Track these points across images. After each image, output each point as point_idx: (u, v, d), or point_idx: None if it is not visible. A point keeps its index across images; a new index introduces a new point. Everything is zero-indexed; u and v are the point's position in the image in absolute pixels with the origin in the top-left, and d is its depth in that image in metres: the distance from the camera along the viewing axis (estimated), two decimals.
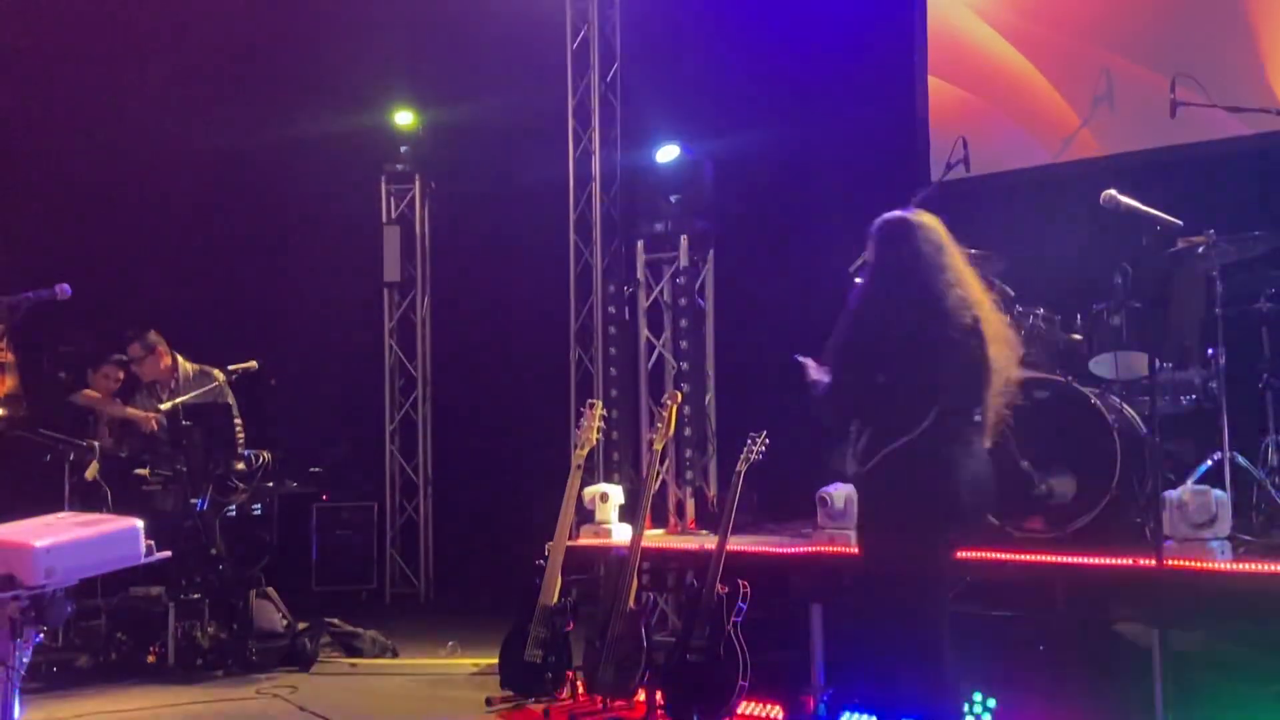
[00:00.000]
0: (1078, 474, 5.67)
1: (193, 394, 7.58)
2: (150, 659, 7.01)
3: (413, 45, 9.81)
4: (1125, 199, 5.56)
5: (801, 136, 8.26)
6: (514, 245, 9.65)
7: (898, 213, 4.44)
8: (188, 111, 9.55)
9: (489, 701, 6.18)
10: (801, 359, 4.48)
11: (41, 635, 4.01)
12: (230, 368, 7.74)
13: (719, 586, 5.65)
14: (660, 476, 7.51)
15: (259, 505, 7.71)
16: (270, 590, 7.58)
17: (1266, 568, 4.78)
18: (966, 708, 5.21)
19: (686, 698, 5.65)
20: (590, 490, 6.81)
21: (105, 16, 9.43)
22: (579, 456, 6.50)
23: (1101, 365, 6.04)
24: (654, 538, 6.86)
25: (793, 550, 5.99)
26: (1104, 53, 7.44)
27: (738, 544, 5.93)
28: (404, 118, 10.09)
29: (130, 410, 7.85)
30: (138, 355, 7.86)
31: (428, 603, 9.76)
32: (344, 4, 9.83)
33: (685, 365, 7.78)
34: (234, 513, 7.48)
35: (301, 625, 7.51)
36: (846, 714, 5.57)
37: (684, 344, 7.82)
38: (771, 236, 8.33)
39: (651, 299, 8.22)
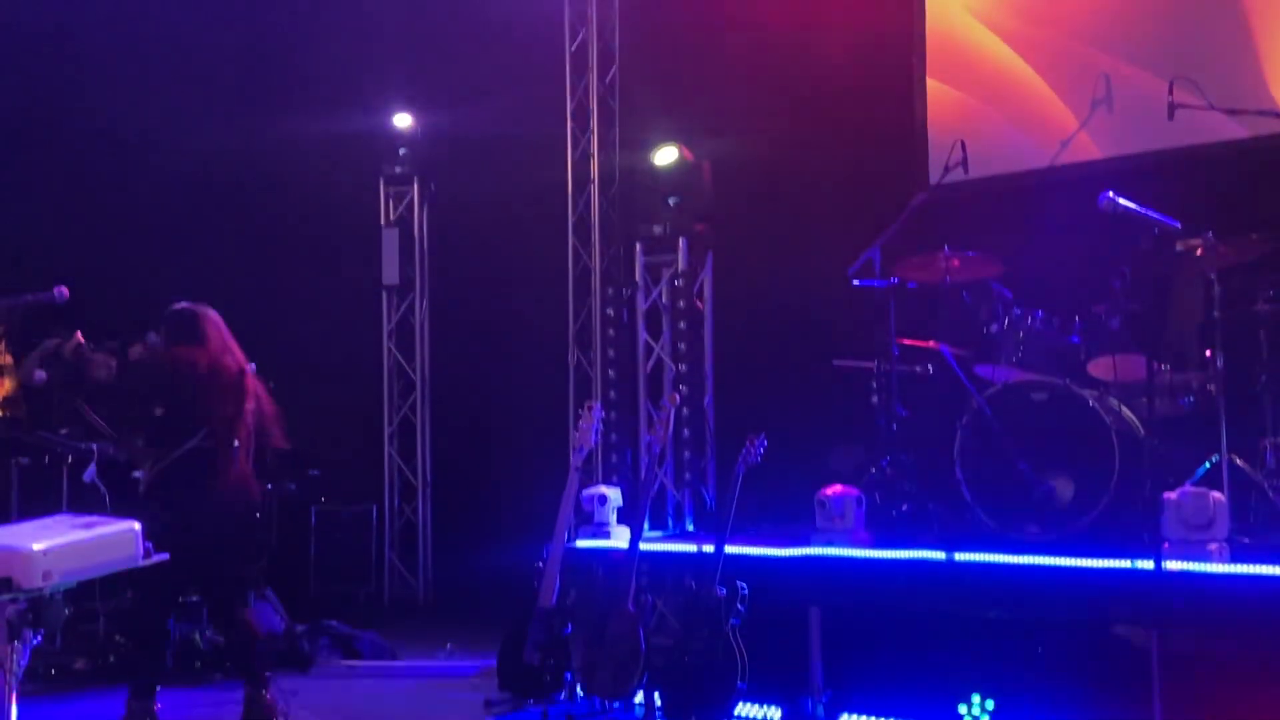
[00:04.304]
0: (1076, 476, 5.69)
1: None
2: None
3: (411, 48, 9.80)
4: (1123, 201, 5.57)
5: (800, 139, 8.27)
6: (513, 248, 9.65)
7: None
8: (186, 113, 9.55)
9: (488, 703, 6.18)
10: None
11: (39, 638, 4.01)
12: None
13: (717, 588, 5.65)
14: (658, 478, 7.51)
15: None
16: (269, 592, 7.57)
17: (1264, 570, 4.78)
18: (965, 709, 5.22)
19: (685, 700, 5.65)
20: (589, 492, 6.80)
21: (103, 17, 9.43)
22: (577, 458, 6.50)
23: (1100, 368, 6.05)
24: (652, 539, 6.86)
25: (791, 552, 5.98)
26: (1102, 56, 7.45)
27: (736, 546, 5.93)
28: (402, 120, 10.08)
29: None
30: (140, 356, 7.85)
31: (426, 605, 9.75)
32: (343, 5, 9.83)
33: (683, 367, 7.79)
34: None
35: (300, 627, 7.51)
36: (845, 716, 5.58)
37: (682, 346, 7.83)
38: (770, 239, 8.32)
39: (650, 301, 8.22)
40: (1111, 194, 5.57)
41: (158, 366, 5.95)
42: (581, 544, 6.63)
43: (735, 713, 5.62)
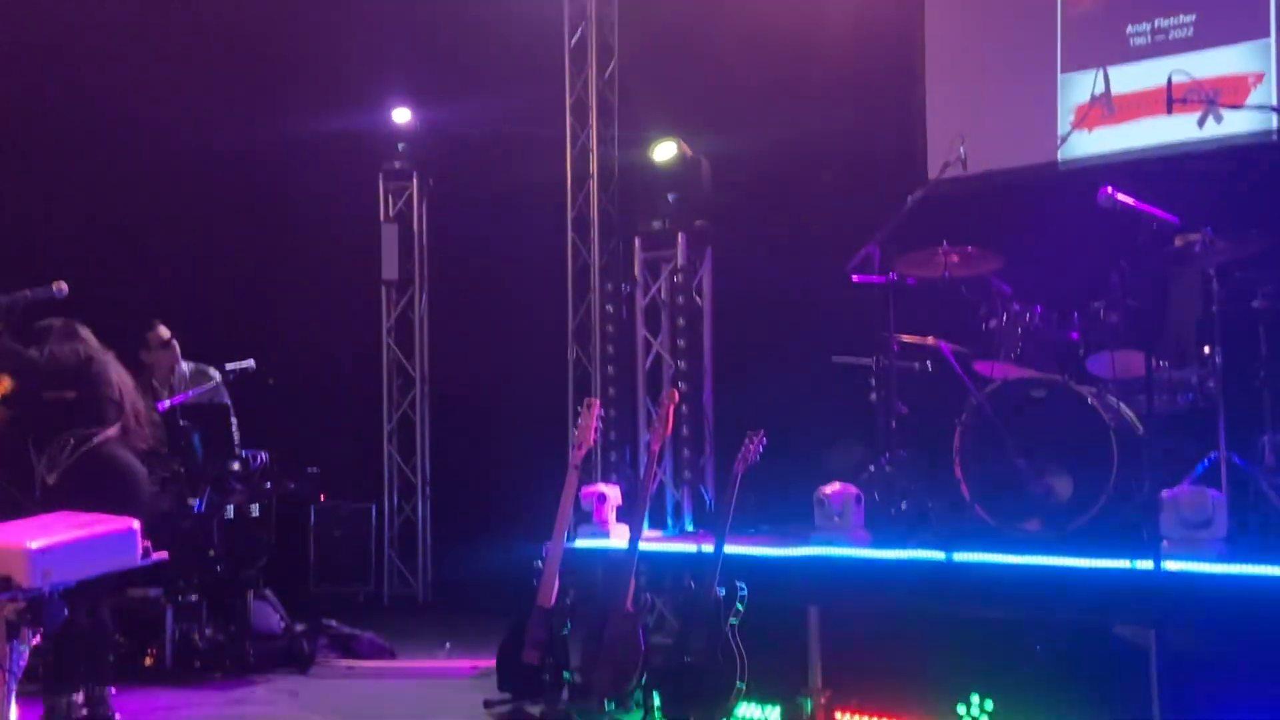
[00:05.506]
0: (1074, 474, 5.68)
1: (190, 393, 7.56)
2: (148, 661, 7.00)
3: (410, 43, 9.79)
4: (1122, 197, 5.56)
5: (800, 135, 8.24)
6: (512, 243, 9.64)
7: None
8: (185, 109, 9.53)
9: (487, 703, 6.18)
10: None
11: (38, 638, 4.01)
12: (227, 367, 7.72)
13: (716, 588, 5.65)
14: (658, 477, 7.51)
15: (256, 506, 7.69)
16: (268, 591, 7.56)
17: (1263, 569, 4.78)
18: (963, 709, 5.22)
19: (684, 699, 5.65)
20: (588, 491, 6.79)
21: (102, 15, 9.41)
22: (576, 456, 6.49)
23: (1098, 364, 6.04)
24: (651, 538, 6.86)
25: (790, 551, 5.98)
26: (1102, 50, 7.42)
27: (735, 545, 5.93)
28: (401, 116, 10.07)
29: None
30: (157, 343, 7.73)
31: (425, 604, 9.76)
32: (342, 3, 9.82)
33: (683, 364, 7.78)
34: (231, 514, 7.46)
35: (299, 626, 7.50)
36: (843, 715, 5.57)
37: (682, 343, 7.82)
38: (769, 235, 8.32)
39: (649, 298, 8.21)
40: (1110, 190, 5.56)
41: (70, 354, 5.81)
42: (581, 543, 6.62)
43: (734, 712, 5.62)
